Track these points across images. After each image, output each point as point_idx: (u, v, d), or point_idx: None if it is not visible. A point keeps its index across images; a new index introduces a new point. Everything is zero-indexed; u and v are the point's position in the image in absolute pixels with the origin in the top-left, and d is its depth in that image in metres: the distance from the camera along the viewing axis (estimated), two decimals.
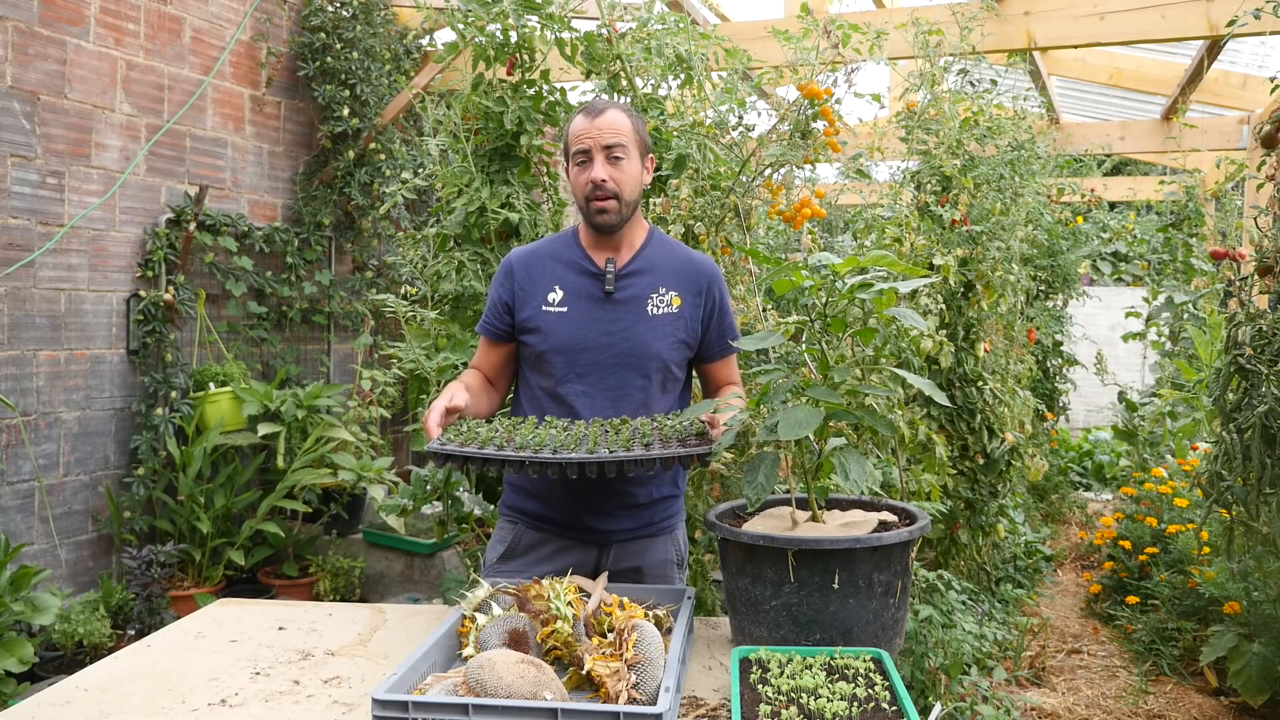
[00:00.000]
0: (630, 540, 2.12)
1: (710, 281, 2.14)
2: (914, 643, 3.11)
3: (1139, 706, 3.80)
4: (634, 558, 2.12)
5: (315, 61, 5.09)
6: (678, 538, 2.20)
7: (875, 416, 1.73)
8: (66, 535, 4.06)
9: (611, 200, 2.02)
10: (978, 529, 4.32)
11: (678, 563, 2.19)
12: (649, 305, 2.09)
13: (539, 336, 2.08)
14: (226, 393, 4.41)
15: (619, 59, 2.71)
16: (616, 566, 2.10)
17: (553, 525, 2.10)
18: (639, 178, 2.08)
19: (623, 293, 2.09)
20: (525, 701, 1.31)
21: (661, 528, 2.16)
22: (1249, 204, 5.65)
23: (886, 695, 1.37)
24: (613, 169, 2.02)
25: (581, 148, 2.03)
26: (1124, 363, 9.74)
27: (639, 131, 2.09)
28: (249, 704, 1.52)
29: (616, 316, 2.07)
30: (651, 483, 2.11)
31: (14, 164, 3.80)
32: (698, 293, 2.11)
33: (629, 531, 2.11)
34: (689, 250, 2.19)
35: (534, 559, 2.11)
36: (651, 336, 2.06)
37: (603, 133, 2.02)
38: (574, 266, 2.11)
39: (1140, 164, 10.69)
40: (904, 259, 3.56)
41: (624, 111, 2.07)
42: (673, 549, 2.18)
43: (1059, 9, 4.28)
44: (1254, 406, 2.83)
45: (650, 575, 2.12)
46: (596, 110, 2.05)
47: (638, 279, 2.10)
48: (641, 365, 2.05)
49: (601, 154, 2.02)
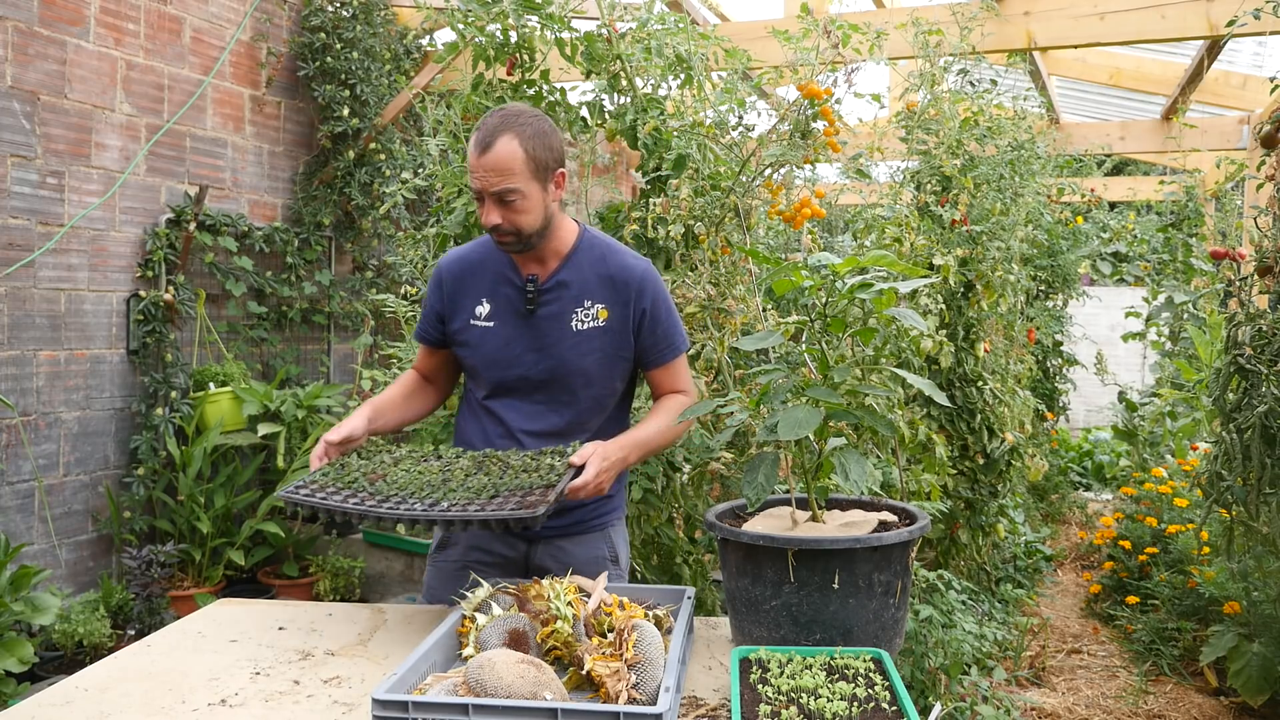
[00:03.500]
0: (558, 537, 2.10)
1: (639, 289, 2.03)
2: (914, 643, 3.11)
3: (1139, 706, 3.80)
4: (562, 554, 2.10)
5: (315, 61, 5.09)
6: (611, 535, 2.17)
7: (875, 416, 1.73)
8: (66, 535, 4.06)
9: (510, 236, 1.94)
10: (978, 529, 4.32)
11: (612, 559, 2.15)
12: (573, 320, 2.02)
13: (468, 350, 2.06)
14: (226, 393, 4.41)
15: (619, 59, 2.71)
16: (543, 562, 2.09)
17: None
18: (541, 205, 1.95)
19: (546, 309, 2.02)
20: (525, 701, 1.31)
21: (592, 526, 2.13)
22: (1249, 204, 5.64)
23: (886, 695, 1.37)
24: (506, 211, 1.91)
25: (473, 185, 1.92)
26: (1124, 363, 9.74)
27: (535, 157, 1.91)
28: (249, 704, 1.52)
29: (541, 333, 2.02)
30: None
31: (14, 164, 3.80)
32: (625, 303, 2.02)
33: (556, 529, 2.09)
34: (621, 253, 2.08)
35: (465, 549, 2.13)
36: (575, 354, 2.01)
37: (488, 176, 1.88)
38: (500, 278, 2.05)
39: (1140, 164, 10.69)
40: (904, 259, 3.56)
41: (515, 136, 1.89)
42: (605, 546, 2.15)
43: (1059, 9, 4.28)
44: (1254, 406, 2.83)
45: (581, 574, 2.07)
46: (484, 144, 1.89)
47: (562, 292, 2.03)
48: (567, 382, 2.02)
49: (491, 199, 1.91)
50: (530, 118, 1.93)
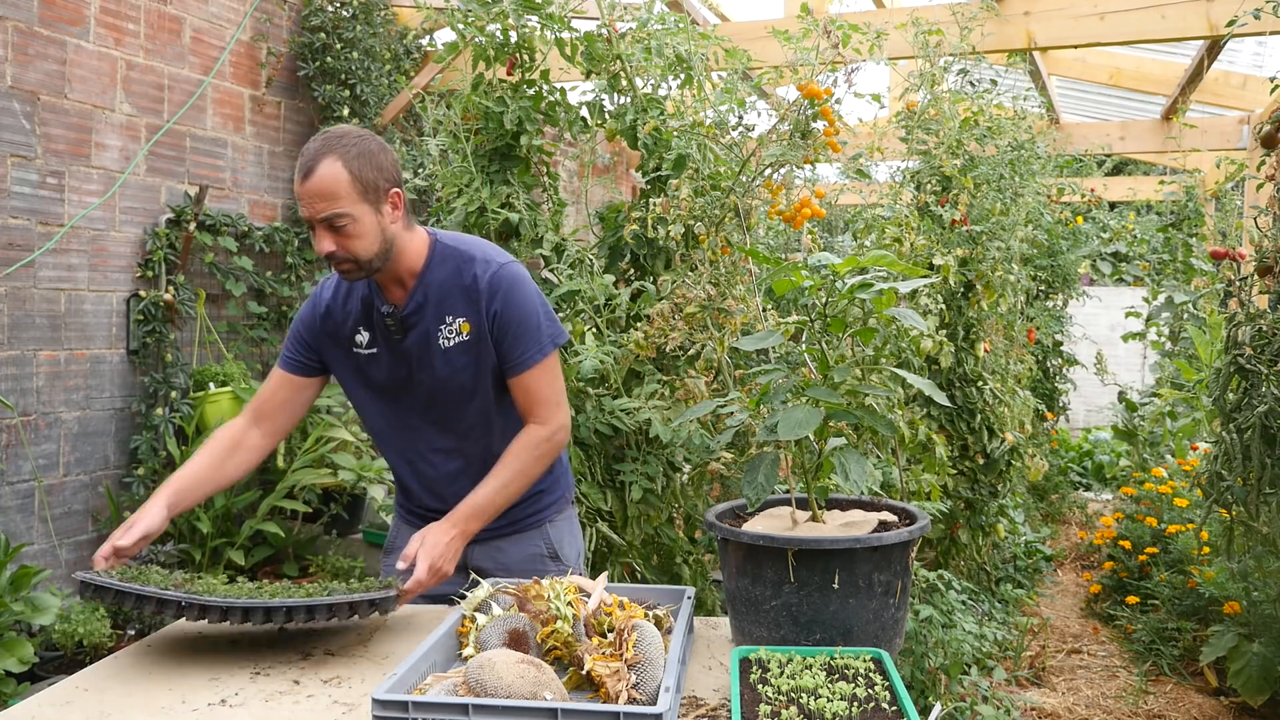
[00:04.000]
0: (494, 538, 2.10)
1: (489, 294, 1.94)
2: (914, 643, 3.11)
3: (1139, 706, 3.80)
4: (499, 554, 2.10)
5: (315, 61, 5.09)
6: (548, 531, 2.15)
7: (875, 416, 1.73)
8: (66, 535, 4.06)
9: (348, 264, 1.86)
10: (978, 529, 4.32)
11: (550, 555, 2.14)
12: (440, 339, 1.96)
13: (357, 380, 2.04)
14: (226, 393, 4.41)
15: (619, 59, 2.71)
16: (480, 564, 2.09)
17: (420, 521, 2.08)
18: (376, 228, 1.85)
19: (414, 331, 1.97)
20: (525, 701, 1.31)
21: (528, 524, 2.13)
22: (1249, 204, 5.64)
23: (886, 695, 1.37)
24: (339, 238, 1.82)
25: (302, 215, 1.84)
26: (1124, 363, 9.73)
27: (362, 178, 1.82)
28: (249, 704, 1.52)
29: (415, 356, 1.98)
30: None
31: (14, 164, 3.80)
32: (479, 311, 1.95)
33: (492, 530, 2.07)
34: (473, 261, 1.98)
35: None
36: (449, 370, 1.97)
37: (314, 202, 1.80)
38: (369, 304, 1.99)
39: (1140, 164, 10.69)
40: (904, 259, 3.56)
41: (339, 158, 1.80)
42: (542, 543, 2.14)
43: (1059, 9, 4.28)
44: (1254, 406, 2.83)
45: (519, 572, 2.09)
46: (306, 169, 1.80)
47: (424, 313, 1.96)
48: (456, 398, 2.00)
49: (321, 225, 1.82)
50: (355, 138, 1.84)
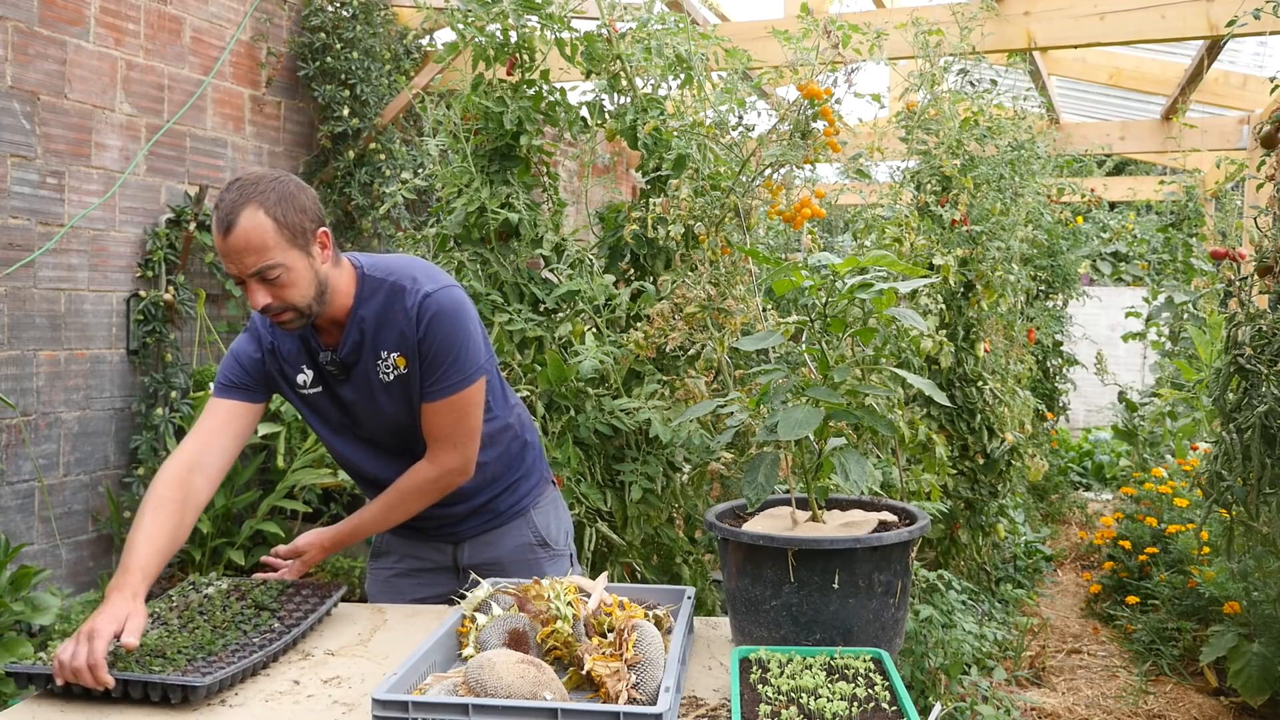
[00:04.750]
0: (481, 533, 2.10)
1: (416, 323, 1.86)
2: (914, 643, 3.11)
3: (1139, 706, 3.80)
4: (489, 550, 2.10)
5: (315, 61, 5.09)
6: (533, 518, 2.13)
7: (875, 416, 1.73)
8: (66, 535, 4.06)
9: (288, 314, 1.79)
10: (978, 529, 4.32)
11: (539, 543, 2.13)
12: (379, 374, 1.90)
13: (313, 416, 1.99)
14: None
15: (619, 59, 2.71)
16: (472, 562, 2.09)
17: (405, 527, 2.07)
18: (310, 273, 1.78)
19: (355, 370, 1.91)
20: (525, 701, 1.31)
21: (512, 514, 2.12)
22: (1249, 204, 5.64)
23: (886, 695, 1.37)
24: (273, 289, 1.75)
25: (230, 272, 1.75)
26: (1124, 363, 9.74)
27: (287, 223, 1.74)
28: (249, 704, 1.52)
29: (359, 398, 1.94)
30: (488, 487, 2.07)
31: (14, 164, 3.80)
32: (410, 342, 1.87)
33: (477, 527, 2.09)
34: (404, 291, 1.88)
35: (398, 556, 2.15)
36: (395, 404, 1.92)
37: (243, 258, 1.71)
38: (307, 346, 1.93)
39: (1140, 164, 10.69)
40: (904, 259, 3.56)
41: (259, 207, 1.71)
42: (529, 531, 2.13)
43: (1059, 9, 4.28)
44: (1254, 406, 2.83)
45: (511, 563, 2.09)
46: (226, 225, 1.70)
47: (361, 350, 1.90)
48: (405, 430, 1.97)
49: (253, 280, 1.74)
50: (271, 182, 1.75)
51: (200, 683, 1.46)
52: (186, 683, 1.46)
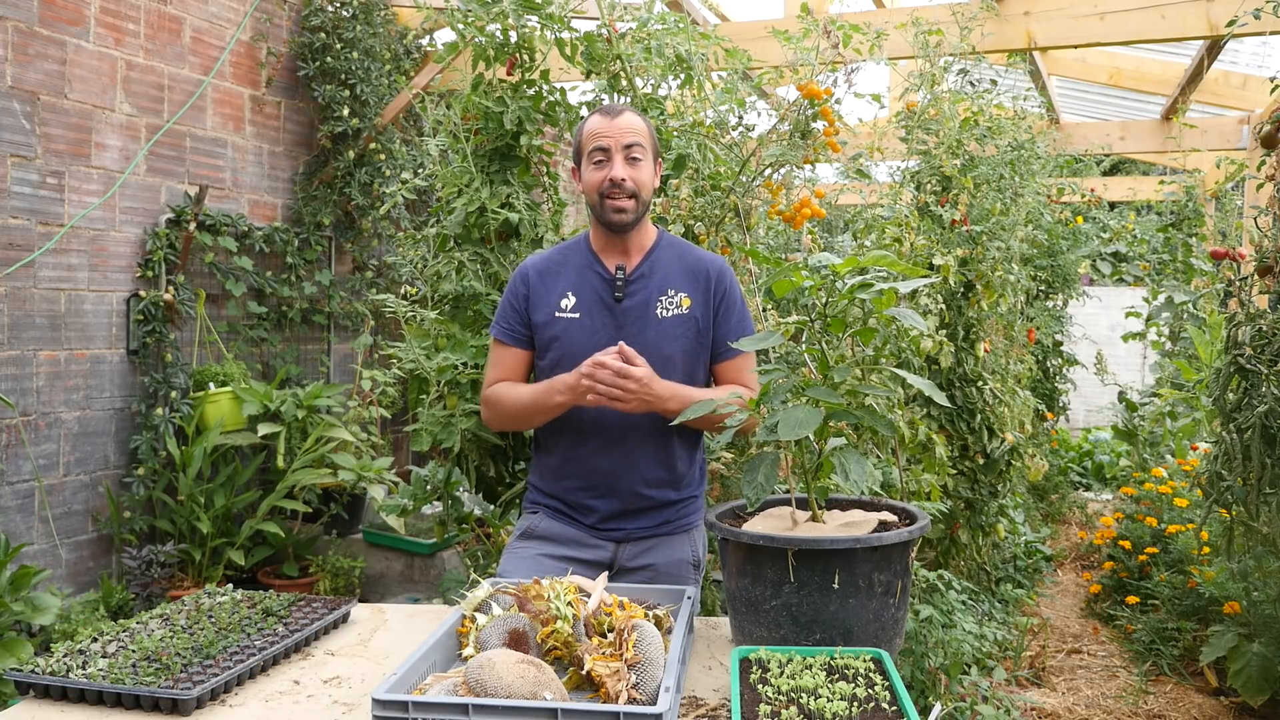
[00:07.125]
0: (646, 538, 2.14)
1: (717, 277, 2.14)
2: (914, 643, 3.11)
3: (1139, 706, 3.80)
4: (649, 555, 2.14)
5: (315, 61, 5.09)
6: (695, 539, 2.21)
7: (875, 416, 1.73)
8: (66, 535, 4.06)
9: (629, 200, 2.05)
10: (978, 529, 4.32)
11: (694, 564, 2.19)
12: (658, 308, 2.10)
13: (555, 343, 2.10)
14: (226, 393, 4.41)
15: (619, 59, 2.71)
16: (631, 564, 2.13)
17: (568, 521, 2.15)
18: (652, 180, 2.11)
19: (632, 298, 2.10)
20: (525, 701, 1.31)
21: (679, 526, 2.18)
22: (1249, 204, 5.64)
23: (886, 695, 1.37)
24: (631, 169, 2.05)
25: (600, 145, 2.05)
26: (1124, 363, 9.74)
27: (652, 136, 2.13)
28: (249, 704, 1.52)
29: (628, 322, 2.09)
30: (669, 485, 2.14)
31: (14, 164, 3.80)
32: (706, 290, 2.12)
33: (645, 529, 2.14)
34: (698, 250, 2.20)
35: (556, 543, 2.15)
36: (662, 339, 2.08)
37: (622, 132, 2.05)
38: (586, 271, 2.13)
39: (1140, 164, 10.69)
40: (904, 259, 3.56)
41: (639, 115, 2.12)
42: (689, 549, 2.18)
43: (1059, 9, 4.28)
44: (1254, 406, 2.83)
45: (665, 574, 2.13)
46: (615, 111, 2.09)
47: (646, 281, 2.11)
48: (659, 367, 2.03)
49: (621, 153, 2.05)
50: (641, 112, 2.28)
51: (187, 695, 1.47)
52: (176, 695, 1.47)
